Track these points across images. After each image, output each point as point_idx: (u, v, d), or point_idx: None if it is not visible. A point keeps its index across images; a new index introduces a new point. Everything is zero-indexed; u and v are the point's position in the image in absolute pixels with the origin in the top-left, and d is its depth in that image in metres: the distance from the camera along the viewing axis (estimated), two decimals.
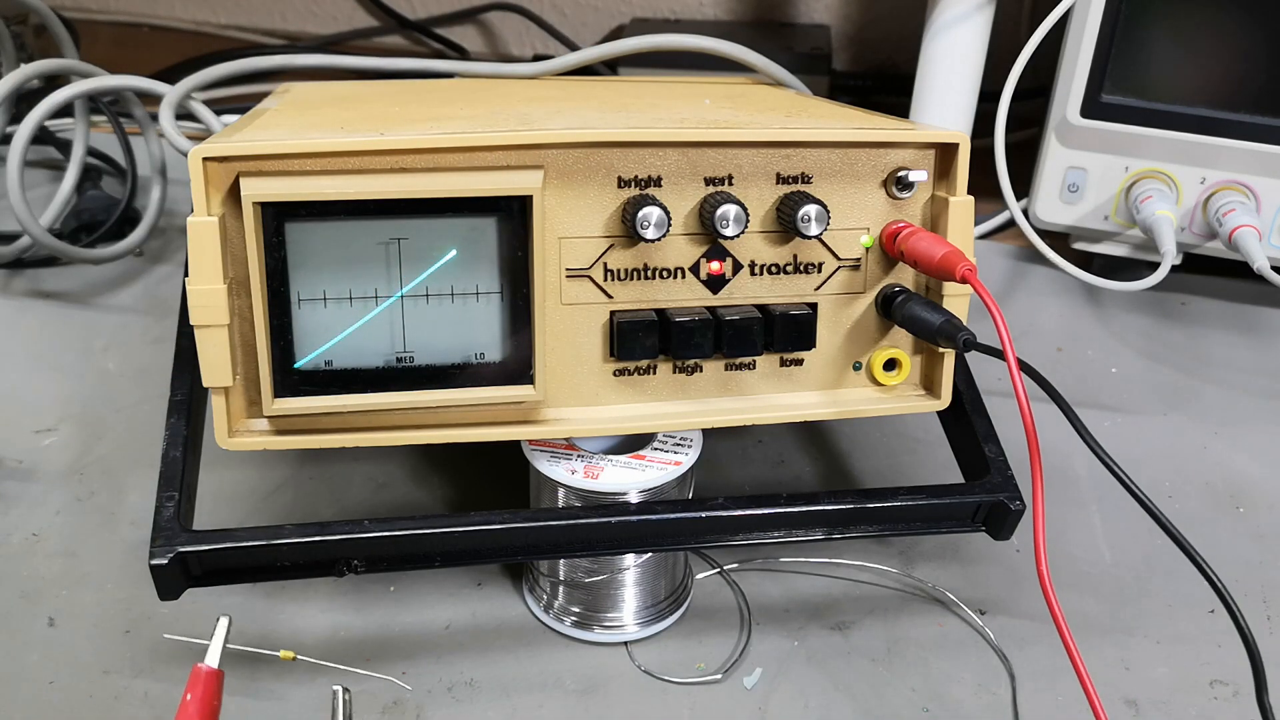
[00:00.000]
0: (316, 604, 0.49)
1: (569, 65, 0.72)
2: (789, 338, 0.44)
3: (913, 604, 0.51)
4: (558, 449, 0.46)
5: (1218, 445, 0.63)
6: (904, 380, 0.47)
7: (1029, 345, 0.73)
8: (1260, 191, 0.70)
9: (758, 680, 0.46)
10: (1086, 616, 0.50)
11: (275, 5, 1.35)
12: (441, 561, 0.44)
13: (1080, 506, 0.57)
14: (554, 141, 0.41)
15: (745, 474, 0.60)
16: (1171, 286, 0.79)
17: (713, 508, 0.44)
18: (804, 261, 0.45)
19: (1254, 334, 0.76)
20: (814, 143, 0.43)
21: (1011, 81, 0.69)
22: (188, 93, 0.71)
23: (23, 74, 0.74)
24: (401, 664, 0.46)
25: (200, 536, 0.41)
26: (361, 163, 0.40)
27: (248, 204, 0.38)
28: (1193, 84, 0.69)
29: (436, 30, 1.28)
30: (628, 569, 0.47)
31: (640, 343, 0.43)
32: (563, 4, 1.27)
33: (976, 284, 0.41)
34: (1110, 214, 0.74)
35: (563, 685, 0.46)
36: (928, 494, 0.46)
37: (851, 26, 1.21)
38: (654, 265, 0.43)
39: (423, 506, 0.56)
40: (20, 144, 0.70)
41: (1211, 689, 0.46)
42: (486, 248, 0.41)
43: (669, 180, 0.42)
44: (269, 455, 0.58)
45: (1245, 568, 0.54)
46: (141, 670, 0.46)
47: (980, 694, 0.46)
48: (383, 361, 0.42)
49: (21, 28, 1.01)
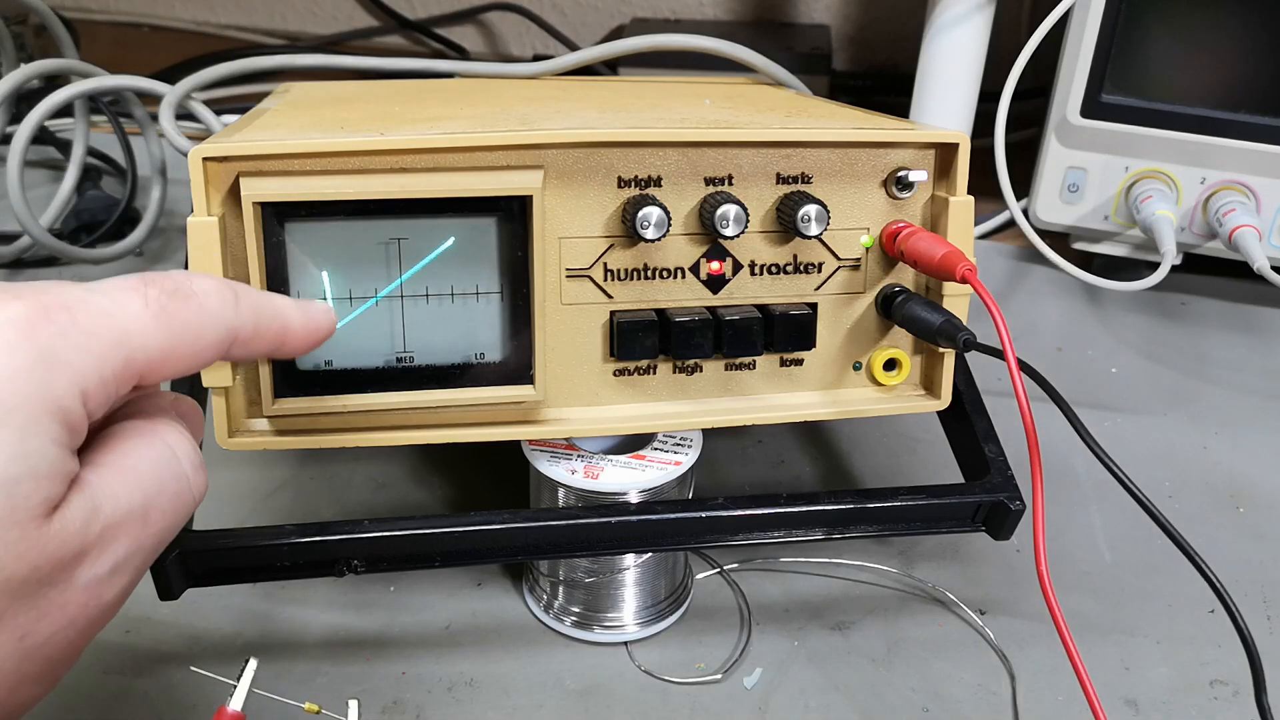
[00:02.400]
0: (316, 604, 0.49)
1: (569, 65, 0.72)
2: (789, 338, 0.44)
3: (913, 604, 0.51)
4: (558, 449, 0.46)
5: (1218, 445, 0.63)
6: (904, 380, 0.47)
7: (1029, 345, 0.73)
8: (1260, 191, 0.70)
9: (758, 680, 0.46)
10: (1086, 616, 0.50)
11: (275, 5, 1.35)
12: (441, 561, 0.44)
13: (1080, 506, 0.57)
14: (554, 141, 0.41)
15: (745, 474, 0.60)
16: (1171, 286, 0.79)
17: (713, 508, 0.44)
18: (804, 261, 0.45)
19: (1254, 334, 0.76)
20: (814, 143, 0.43)
21: (1011, 81, 0.69)
22: (188, 93, 0.71)
23: (23, 74, 0.74)
24: (401, 664, 0.46)
25: (200, 536, 0.41)
26: (361, 163, 0.40)
27: (248, 204, 0.38)
28: (1193, 84, 0.69)
29: (436, 30, 1.28)
30: (628, 569, 0.47)
31: (640, 343, 0.43)
32: (563, 4, 1.27)
33: (976, 284, 0.41)
34: (1110, 214, 0.74)
35: (563, 685, 0.46)
36: (928, 494, 0.46)
37: (851, 26, 1.21)
38: (654, 265, 0.43)
39: (423, 506, 0.56)
40: (20, 144, 0.70)
41: (1211, 689, 0.46)
42: (486, 248, 0.41)
43: (669, 180, 0.42)
44: (269, 455, 0.58)
45: (1245, 568, 0.54)
46: (141, 670, 0.46)
47: (980, 694, 0.46)
48: (383, 362, 0.42)
49: (21, 28, 1.01)
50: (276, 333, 0.31)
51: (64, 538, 0.24)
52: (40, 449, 0.24)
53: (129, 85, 0.73)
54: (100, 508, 0.25)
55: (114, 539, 0.26)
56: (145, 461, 0.27)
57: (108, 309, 0.26)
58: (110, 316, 0.26)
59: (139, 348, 0.26)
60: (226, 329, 0.29)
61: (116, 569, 0.26)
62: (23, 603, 0.24)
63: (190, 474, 0.28)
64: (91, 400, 0.25)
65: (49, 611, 0.25)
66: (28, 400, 0.24)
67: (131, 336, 0.26)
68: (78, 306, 0.26)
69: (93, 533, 0.25)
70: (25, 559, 0.24)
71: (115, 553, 0.26)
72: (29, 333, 0.24)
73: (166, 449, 0.28)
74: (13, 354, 0.24)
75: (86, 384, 0.25)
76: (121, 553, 0.26)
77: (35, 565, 0.24)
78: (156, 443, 0.28)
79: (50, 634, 0.25)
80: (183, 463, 0.28)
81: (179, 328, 0.27)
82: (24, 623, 0.24)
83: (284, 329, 0.31)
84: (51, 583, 0.25)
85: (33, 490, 0.24)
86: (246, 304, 0.30)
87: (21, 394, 0.24)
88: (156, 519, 0.27)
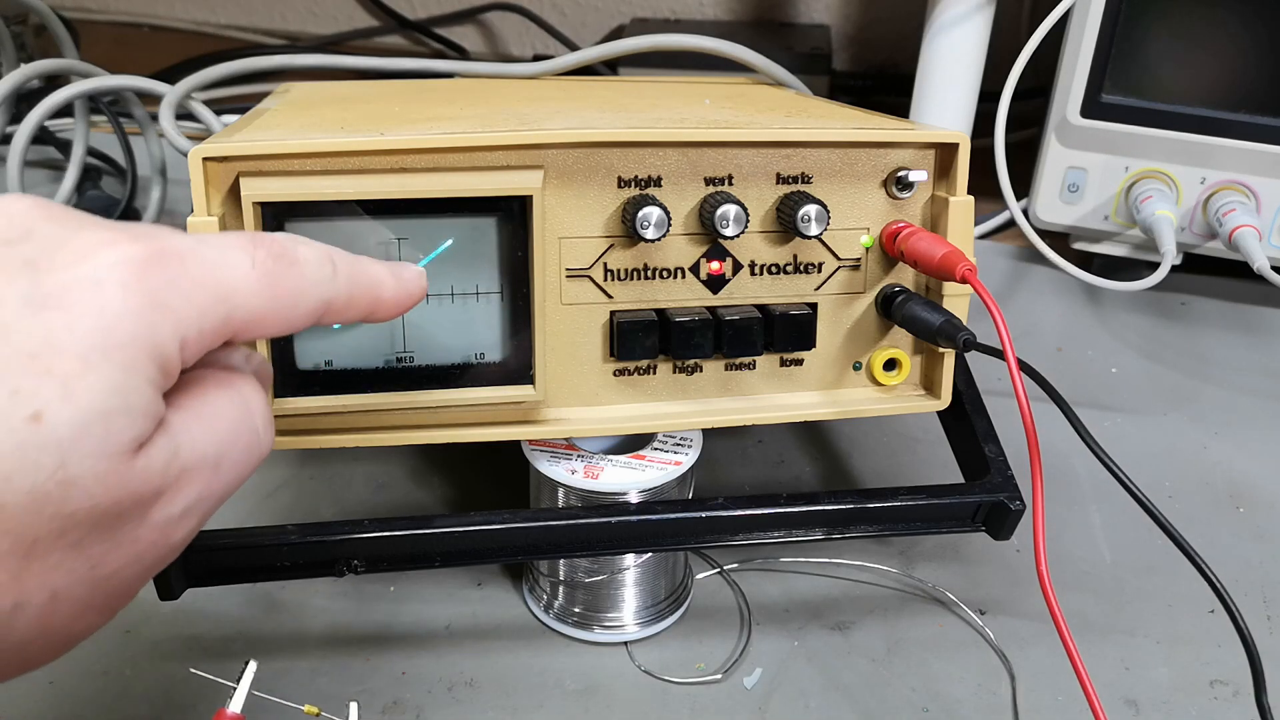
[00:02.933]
0: (316, 604, 0.49)
1: (569, 65, 0.73)
2: (789, 338, 0.44)
3: (913, 604, 0.51)
4: (558, 449, 0.46)
5: (1218, 445, 0.63)
6: (904, 380, 0.47)
7: (1029, 345, 0.73)
8: (1260, 191, 0.70)
9: (758, 680, 0.46)
10: (1086, 616, 0.50)
11: (275, 5, 1.35)
12: (441, 561, 0.44)
13: (1080, 506, 0.57)
14: (554, 141, 0.41)
15: (745, 474, 0.60)
16: (1171, 286, 0.79)
17: (713, 508, 0.44)
18: (804, 261, 0.45)
19: (1254, 334, 0.76)
20: (814, 143, 0.43)
21: (1011, 81, 0.69)
22: (188, 93, 0.71)
23: (23, 74, 0.74)
24: (401, 664, 0.46)
25: (200, 536, 0.41)
26: (361, 163, 0.40)
27: (248, 204, 0.38)
28: (1193, 84, 0.69)
29: (436, 30, 1.28)
30: (628, 569, 0.47)
31: (640, 343, 0.43)
32: (563, 4, 1.27)
33: (976, 284, 0.41)
34: (1110, 214, 0.74)
35: (563, 685, 0.46)
36: (928, 494, 0.46)
37: (851, 26, 1.21)
38: (654, 265, 0.43)
39: (423, 506, 0.56)
40: (20, 144, 0.70)
41: (1211, 689, 0.46)
42: (486, 248, 0.41)
43: (669, 180, 0.42)
44: (269, 455, 0.58)
45: (1245, 568, 0.54)
46: (141, 670, 0.46)
47: (980, 694, 0.46)
48: (383, 362, 0.42)
49: (21, 28, 1.01)
50: (370, 301, 0.32)
51: (146, 475, 0.25)
52: (138, 387, 0.25)
53: (129, 85, 0.73)
54: (180, 451, 0.26)
55: (188, 483, 0.27)
56: (223, 412, 0.28)
57: (217, 263, 0.27)
58: (219, 270, 0.27)
59: (240, 306, 0.27)
60: (322, 298, 0.29)
61: (186, 512, 0.27)
62: (101, 533, 0.25)
63: (261, 429, 0.29)
64: (189, 349, 0.26)
65: (122, 544, 0.26)
66: (134, 340, 0.25)
67: (236, 294, 0.27)
68: (190, 256, 0.26)
69: (172, 474, 0.26)
70: (111, 491, 0.24)
71: (187, 496, 0.27)
72: (143, 275, 0.25)
73: (243, 402, 0.29)
74: (126, 294, 0.25)
75: (187, 333, 0.26)
76: (193, 497, 0.27)
77: (118, 499, 0.25)
78: (235, 395, 0.29)
79: (118, 567, 0.26)
80: (256, 417, 0.29)
81: (280, 292, 0.28)
82: (98, 553, 0.25)
83: (377, 298, 0.32)
84: (129, 518, 0.25)
85: (126, 426, 0.25)
86: (344, 273, 0.30)
87: (129, 333, 0.25)
88: (228, 469, 0.28)
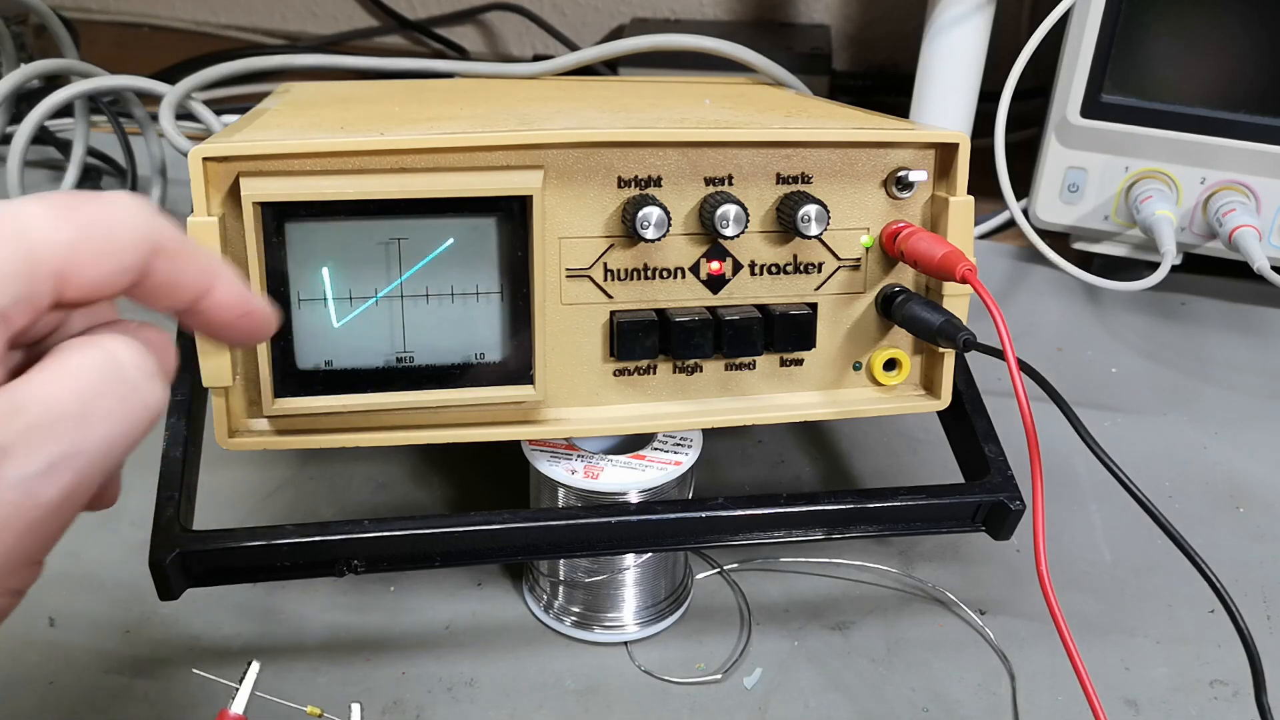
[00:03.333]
0: (316, 604, 0.49)
1: (569, 65, 0.72)
2: (789, 338, 0.44)
3: (913, 604, 0.51)
4: (558, 449, 0.46)
5: (1218, 445, 0.63)
6: (904, 380, 0.47)
7: (1029, 345, 0.73)
8: (1260, 191, 0.70)
9: (758, 680, 0.46)
10: (1086, 616, 0.50)
11: (275, 5, 1.35)
12: (441, 561, 0.44)
13: (1080, 506, 0.57)
14: (554, 141, 0.41)
15: (745, 474, 0.60)
16: (1171, 286, 0.79)
17: (713, 508, 0.44)
18: (804, 261, 0.45)
19: (1254, 334, 0.76)
20: (814, 143, 0.43)
21: (1011, 81, 0.69)
22: (188, 93, 0.71)
23: (23, 74, 0.74)
24: (401, 664, 0.46)
25: (200, 536, 0.41)
26: (361, 163, 0.40)
27: (248, 204, 0.38)
28: (1193, 84, 0.69)
29: (436, 30, 1.28)
30: (628, 569, 0.47)
31: (640, 343, 0.43)
32: (563, 4, 1.27)
33: (976, 284, 0.41)
34: (1110, 214, 0.74)
35: (563, 685, 0.46)
36: (928, 494, 0.46)
37: (851, 26, 1.21)
38: (654, 265, 0.43)
39: (423, 506, 0.56)
40: (20, 144, 0.70)
41: (1211, 689, 0.46)
42: (486, 248, 0.41)
43: (669, 180, 0.42)
44: (269, 455, 0.58)
45: (1245, 568, 0.54)
46: (141, 670, 0.46)
47: (980, 694, 0.46)
48: (383, 362, 0.42)
49: (21, 28, 1.01)
50: (205, 277, 0.30)
51: None
52: None
53: (129, 85, 0.73)
54: (22, 407, 0.26)
55: (44, 440, 0.26)
56: (81, 367, 0.27)
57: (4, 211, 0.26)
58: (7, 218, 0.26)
59: (43, 240, 0.26)
60: (144, 232, 0.28)
61: (52, 468, 0.26)
62: None
63: (140, 380, 0.28)
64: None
65: None
66: None
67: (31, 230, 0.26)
68: None
69: (14, 430, 0.25)
70: None
71: (48, 452, 0.26)
72: None
73: (106, 354, 0.28)
74: None
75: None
76: (56, 453, 0.26)
77: None
78: (94, 350, 0.28)
79: None
80: (127, 369, 0.28)
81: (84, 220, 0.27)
82: None
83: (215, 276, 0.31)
84: None
85: None
86: (171, 224, 0.30)
87: None
88: (99, 421, 0.27)
